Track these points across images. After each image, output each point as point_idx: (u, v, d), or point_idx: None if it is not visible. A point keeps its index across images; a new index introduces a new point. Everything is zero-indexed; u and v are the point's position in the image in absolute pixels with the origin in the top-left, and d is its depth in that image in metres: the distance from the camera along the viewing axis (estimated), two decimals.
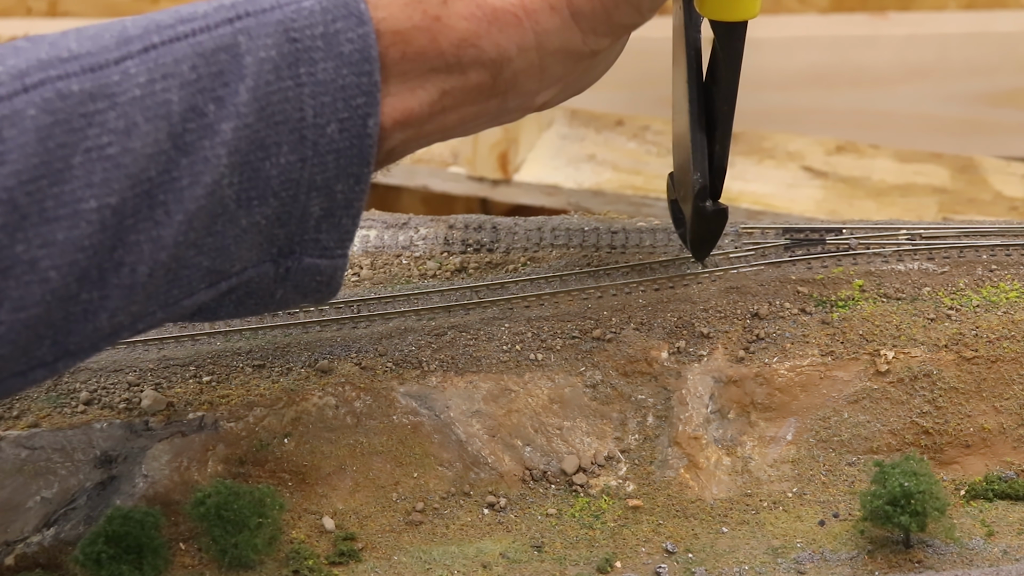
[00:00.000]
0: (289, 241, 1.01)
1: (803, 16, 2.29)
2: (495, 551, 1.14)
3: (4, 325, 0.92)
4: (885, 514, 1.11)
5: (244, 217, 0.98)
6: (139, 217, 0.94)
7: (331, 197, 1.00)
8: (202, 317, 1.05)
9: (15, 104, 0.90)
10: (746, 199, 1.98)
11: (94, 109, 0.92)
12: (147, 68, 0.93)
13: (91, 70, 0.92)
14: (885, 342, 1.22)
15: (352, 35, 0.98)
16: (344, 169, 1.00)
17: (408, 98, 1.02)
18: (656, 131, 2.09)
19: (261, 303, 1.05)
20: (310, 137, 0.98)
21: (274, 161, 0.97)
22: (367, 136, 0.99)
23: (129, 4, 2.29)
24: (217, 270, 0.99)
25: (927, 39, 2.23)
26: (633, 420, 1.21)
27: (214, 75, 0.95)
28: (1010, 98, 2.24)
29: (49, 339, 0.95)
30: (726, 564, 1.13)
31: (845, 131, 2.18)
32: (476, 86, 1.03)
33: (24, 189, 0.90)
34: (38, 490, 1.16)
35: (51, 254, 0.91)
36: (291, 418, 1.18)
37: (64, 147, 0.91)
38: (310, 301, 1.07)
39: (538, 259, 1.31)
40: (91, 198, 0.91)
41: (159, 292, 0.97)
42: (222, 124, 0.95)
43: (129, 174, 0.92)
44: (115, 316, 0.96)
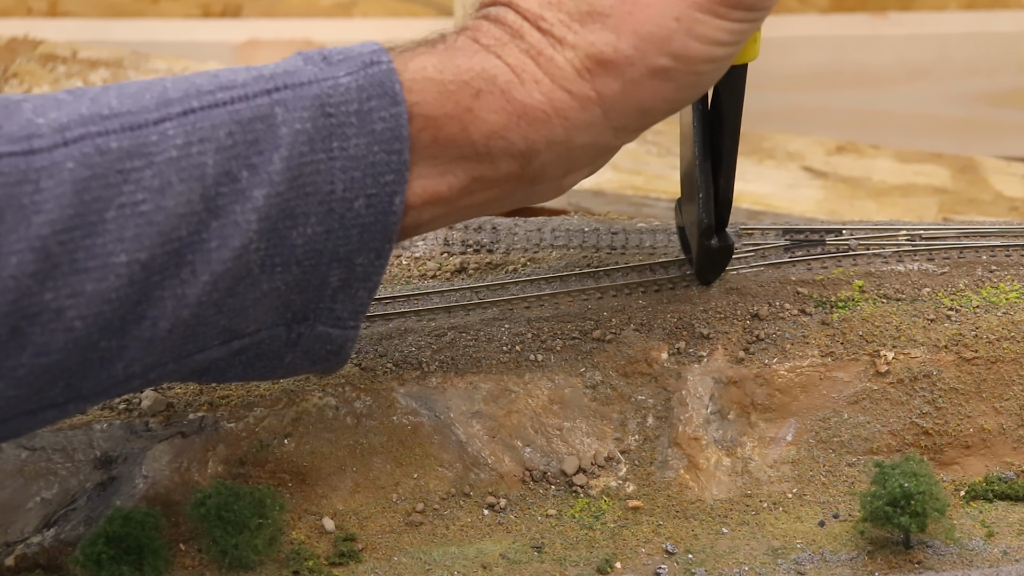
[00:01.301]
0: (304, 308, 1.03)
1: (803, 16, 2.29)
2: (495, 552, 1.14)
3: (24, 368, 0.94)
4: (885, 515, 1.11)
5: (266, 282, 1.00)
6: (166, 274, 0.96)
7: (351, 269, 1.02)
8: (210, 377, 1.07)
9: (54, 156, 0.92)
10: (746, 199, 1.98)
11: (131, 167, 0.94)
12: (185, 131, 0.96)
13: (130, 129, 0.95)
14: (885, 343, 1.22)
15: (385, 114, 1.00)
16: (367, 243, 1.02)
17: (438, 181, 1.04)
18: (656, 131, 2.09)
19: (270, 366, 1.07)
20: (338, 210, 1.00)
21: (301, 231, 0.99)
22: (392, 213, 1.02)
23: (129, 4, 2.29)
24: (232, 329, 1.01)
25: (927, 39, 2.23)
26: (633, 421, 1.21)
27: (249, 143, 0.97)
28: (1010, 98, 2.24)
29: (63, 382, 0.97)
30: (726, 565, 1.13)
31: (845, 131, 2.18)
32: (505, 175, 1.06)
33: (57, 239, 0.92)
34: (38, 491, 1.16)
35: (78, 304, 0.93)
36: (291, 418, 1.18)
37: (99, 201, 0.93)
38: (318, 369, 1.09)
39: (538, 260, 1.31)
40: (122, 252, 0.94)
41: (175, 346, 1.00)
42: (254, 191, 0.97)
43: (160, 231, 0.95)
44: (130, 366, 0.98)
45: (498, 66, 1.03)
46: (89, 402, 1.00)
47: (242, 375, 1.08)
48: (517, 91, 1.03)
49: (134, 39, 2.21)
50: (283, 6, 2.30)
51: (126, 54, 2.10)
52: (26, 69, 2.05)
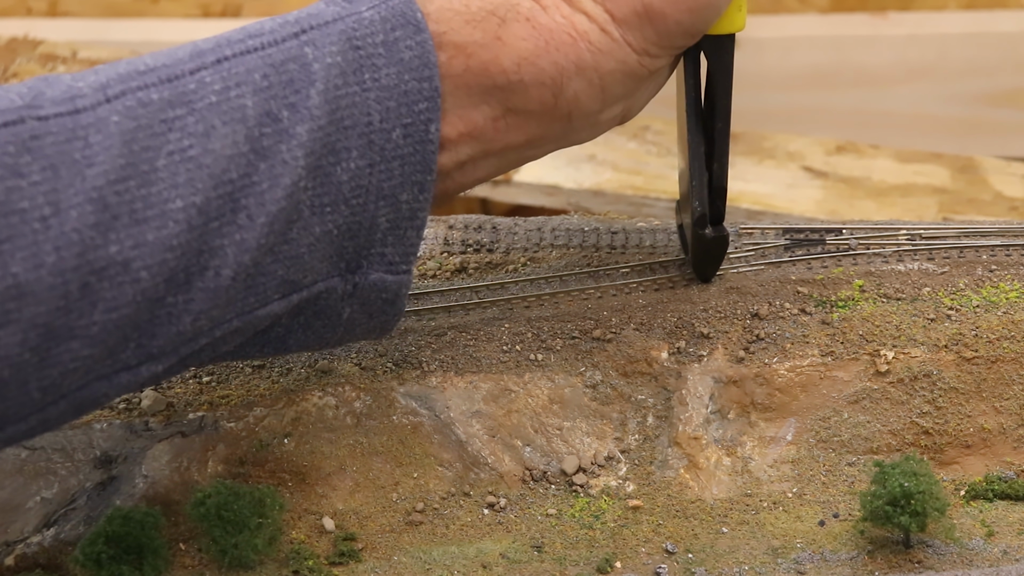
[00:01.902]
0: (357, 254, 1.05)
1: (803, 16, 2.29)
2: (495, 551, 1.14)
3: (97, 325, 0.95)
4: (885, 514, 1.11)
5: (317, 225, 1.02)
6: (223, 220, 0.97)
7: (396, 207, 1.04)
8: (272, 346, 1.08)
9: (99, 113, 0.95)
10: (746, 199, 1.98)
11: (173, 115, 0.96)
12: (221, 77, 0.98)
13: (168, 80, 0.97)
14: (885, 342, 1.22)
15: (411, 42, 1.03)
16: (408, 176, 1.03)
17: (473, 112, 1.06)
18: (656, 131, 2.09)
19: (329, 325, 1.07)
20: (377, 142, 1.02)
21: (344, 166, 1.01)
22: (429, 142, 1.03)
23: (129, 4, 2.29)
24: (290, 280, 1.03)
25: (927, 39, 2.23)
26: (633, 420, 1.21)
27: (285, 83, 0.99)
28: (1010, 98, 2.24)
29: (134, 342, 0.98)
30: (726, 564, 1.13)
31: (845, 131, 2.18)
32: (539, 105, 1.07)
33: (113, 189, 0.94)
34: (38, 490, 1.16)
35: (142, 254, 0.95)
36: (291, 418, 1.18)
37: (148, 150, 0.95)
38: (375, 324, 1.09)
39: (538, 259, 1.31)
40: (177, 198, 0.95)
41: (238, 299, 1.01)
42: (296, 127, 0.99)
43: (211, 174, 0.96)
44: (197, 320, 0.99)
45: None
46: (160, 363, 1.00)
47: (303, 339, 1.08)
48: (541, 17, 1.06)
49: (134, 39, 2.21)
50: (283, 6, 2.30)
51: (126, 54, 2.10)
52: (26, 69, 2.05)
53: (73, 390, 0.97)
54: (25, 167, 0.92)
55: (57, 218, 0.92)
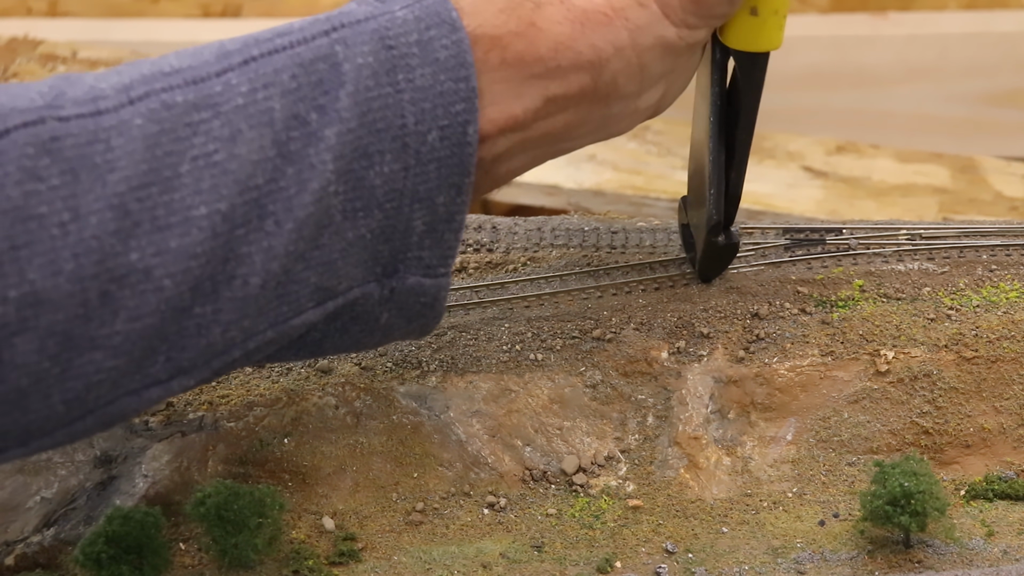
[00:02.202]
0: (393, 259, 1.02)
1: (803, 16, 2.29)
2: (495, 551, 1.14)
3: (120, 335, 0.93)
4: (885, 514, 1.11)
5: (350, 230, 0.99)
6: (249, 227, 0.95)
7: (433, 210, 1.01)
8: (308, 351, 1.05)
9: (122, 115, 0.92)
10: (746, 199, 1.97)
11: (199, 119, 0.94)
12: (248, 79, 0.96)
13: (193, 82, 0.95)
14: (885, 342, 1.22)
15: (446, 41, 1.00)
16: (445, 179, 1.01)
17: (512, 104, 1.03)
18: (656, 131, 2.09)
19: (367, 329, 1.05)
20: (412, 145, 0.99)
21: (378, 170, 0.99)
22: (467, 144, 1.00)
23: (130, 4, 2.29)
24: (324, 287, 1.00)
25: (927, 39, 2.23)
26: (633, 420, 1.21)
27: (314, 84, 0.97)
28: (1010, 98, 2.24)
29: (163, 355, 0.95)
30: (726, 564, 1.13)
31: (845, 131, 2.18)
32: (579, 91, 1.05)
33: (135, 195, 0.91)
34: (38, 490, 1.16)
35: (165, 262, 0.92)
36: (291, 418, 1.18)
37: (171, 155, 0.93)
38: (414, 328, 1.07)
39: (538, 259, 1.31)
40: (201, 204, 0.93)
41: (269, 308, 0.98)
42: (325, 130, 0.96)
43: (237, 180, 0.94)
44: (228, 331, 0.97)
45: None
46: (191, 377, 0.98)
47: (339, 344, 1.06)
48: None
49: (134, 39, 2.21)
50: (283, 6, 2.30)
51: (126, 54, 2.10)
52: (26, 69, 2.05)
53: (101, 405, 0.95)
54: (44, 170, 0.90)
55: (76, 224, 0.90)
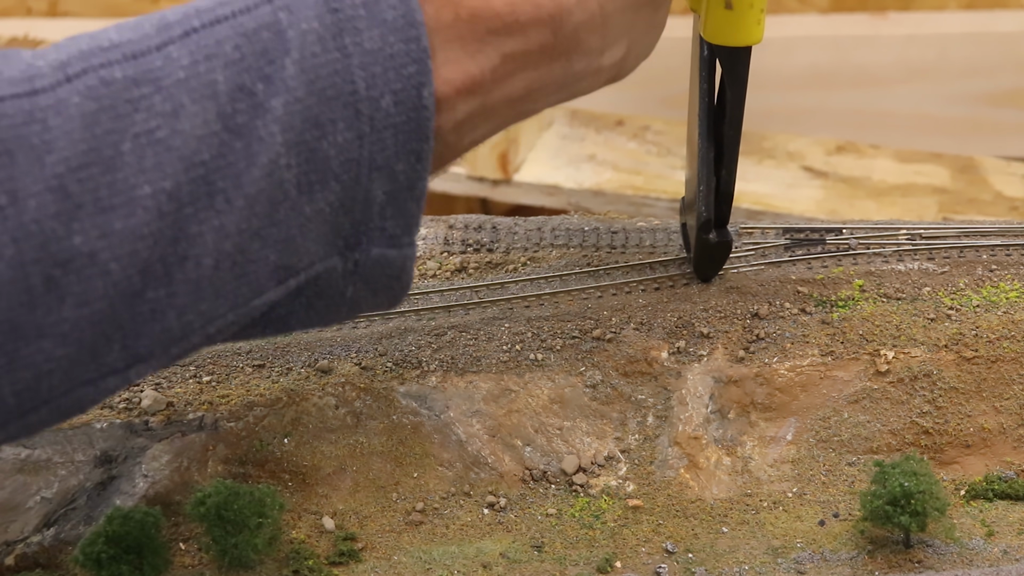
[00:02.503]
0: (355, 231, 0.99)
1: (803, 16, 2.29)
2: (495, 551, 1.14)
3: (68, 323, 0.90)
4: (885, 514, 1.11)
5: (307, 204, 0.96)
6: (198, 206, 0.92)
7: (393, 178, 0.98)
8: (274, 328, 1.02)
9: (59, 94, 0.89)
10: (746, 199, 1.98)
11: (139, 94, 0.91)
12: (189, 51, 0.92)
13: (133, 57, 0.92)
14: (885, 342, 1.22)
15: (394, 1, 0.96)
16: (403, 146, 0.97)
17: (468, 64, 0.99)
18: (656, 131, 2.09)
19: (332, 305, 1.02)
20: (365, 111, 0.96)
21: (331, 140, 0.95)
22: (423, 108, 0.97)
23: (129, 4, 2.29)
24: (284, 265, 0.97)
25: (927, 39, 2.24)
26: (633, 420, 1.21)
27: (258, 53, 0.93)
28: (1010, 98, 2.24)
29: (118, 343, 0.93)
30: (726, 564, 1.13)
31: (845, 131, 2.18)
32: (539, 47, 1.01)
33: (75, 176, 0.89)
34: (38, 490, 1.16)
35: (110, 245, 0.89)
36: (291, 418, 1.18)
37: (112, 133, 0.90)
38: (382, 300, 1.04)
39: (538, 259, 1.31)
40: (145, 184, 0.90)
41: (227, 290, 0.95)
42: (272, 101, 0.93)
43: (181, 156, 0.91)
44: (184, 314, 0.94)
45: None
46: (149, 364, 0.95)
47: (305, 320, 1.02)
48: None
49: None
50: None
51: None
52: None
53: (56, 396, 0.93)
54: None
55: (15, 208, 0.87)
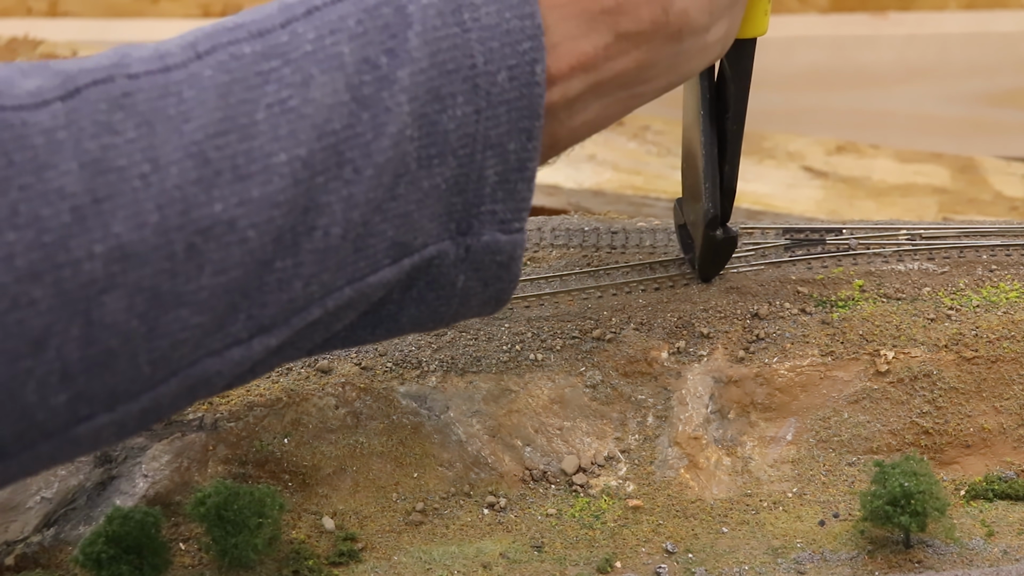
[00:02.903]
0: (467, 213, 1.00)
1: (803, 16, 2.29)
2: (495, 551, 1.14)
3: (206, 291, 0.91)
4: (885, 514, 1.11)
5: (425, 178, 0.97)
6: (329, 175, 0.93)
7: (505, 158, 0.99)
8: (386, 327, 1.03)
9: (191, 69, 0.91)
10: (746, 199, 1.98)
11: (268, 67, 0.93)
12: (314, 27, 0.94)
13: (259, 34, 0.94)
14: (885, 342, 1.22)
15: None
16: (515, 123, 0.98)
17: (581, 41, 1.01)
18: (656, 131, 2.09)
19: (443, 296, 1.02)
20: (483, 86, 0.97)
21: (451, 113, 0.97)
22: (535, 84, 0.98)
23: (129, 4, 2.29)
24: (401, 242, 0.98)
25: (927, 39, 2.23)
26: (633, 420, 1.21)
27: (380, 28, 0.95)
28: (1010, 98, 2.24)
29: (244, 312, 0.93)
30: (726, 564, 1.13)
31: (845, 131, 2.18)
32: (650, 25, 1.03)
33: (212, 143, 0.90)
34: (38, 490, 1.16)
35: (248, 212, 0.91)
36: (291, 418, 1.18)
37: (245, 103, 0.91)
38: (491, 295, 1.04)
39: (538, 259, 1.31)
40: (280, 151, 0.92)
41: (347, 263, 0.96)
42: (398, 72, 0.95)
43: (314, 124, 0.93)
44: (308, 285, 0.95)
45: None
46: (273, 336, 0.95)
47: (416, 316, 1.03)
48: None
49: (134, 39, 2.20)
50: None
51: None
52: None
53: (184, 366, 0.93)
54: (119, 124, 0.89)
55: (157, 175, 0.88)
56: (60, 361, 0.87)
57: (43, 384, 0.87)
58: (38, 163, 0.87)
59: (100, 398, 0.90)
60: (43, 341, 0.87)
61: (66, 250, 0.86)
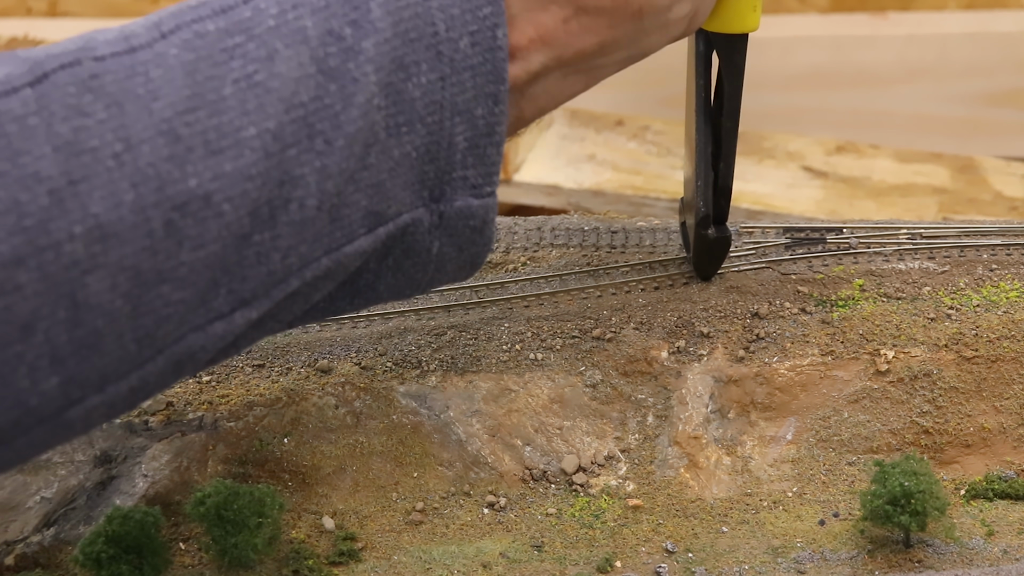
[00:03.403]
0: (439, 180, 1.01)
1: (803, 16, 2.29)
2: (495, 551, 1.14)
3: (186, 266, 0.92)
4: (885, 514, 1.11)
5: (395, 147, 0.98)
6: (300, 147, 0.95)
7: (473, 123, 1.00)
8: (364, 296, 1.04)
9: (156, 49, 0.93)
10: (746, 199, 1.98)
11: (233, 43, 0.94)
12: (276, 1, 0.96)
13: (222, 11, 0.95)
14: (885, 342, 1.22)
15: None
16: (481, 88, 1.00)
17: (541, 15, 1.02)
18: (656, 131, 2.09)
19: (420, 263, 1.03)
20: (446, 53, 0.99)
21: (416, 81, 0.98)
22: (498, 48, 1.00)
23: (129, 4, 2.29)
24: (374, 211, 0.99)
25: (927, 39, 2.23)
26: (633, 420, 1.21)
27: (343, 1, 0.96)
28: (1010, 98, 2.24)
29: (225, 286, 0.94)
30: (726, 564, 1.13)
31: (845, 131, 2.18)
32: (610, 1, 1.04)
33: (182, 120, 0.91)
34: (38, 490, 1.16)
35: (223, 186, 0.92)
36: (291, 418, 1.18)
37: (212, 79, 0.93)
38: (466, 259, 1.05)
39: (538, 259, 1.31)
40: (250, 125, 0.93)
41: (323, 233, 0.97)
42: (362, 43, 0.96)
43: (281, 98, 0.94)
44: (287, 256, 0.96)
45: None
46: (254, 308, 0.96)
47: (394, 284, 1.04)
48: None
49: None
50: None
51: None
52: None
53: (170, 343, 0.94)
54: (89, 106, 0.90)
55: (130, 154, 0.90)
56: (49, 345, 0.88)
57: (34, 368, 0.88)
58: (12, 149, 0.87)
59: (90, 380, 0.91)
60: (31, 326, 0.87)
61: (47, 233, 0.87)
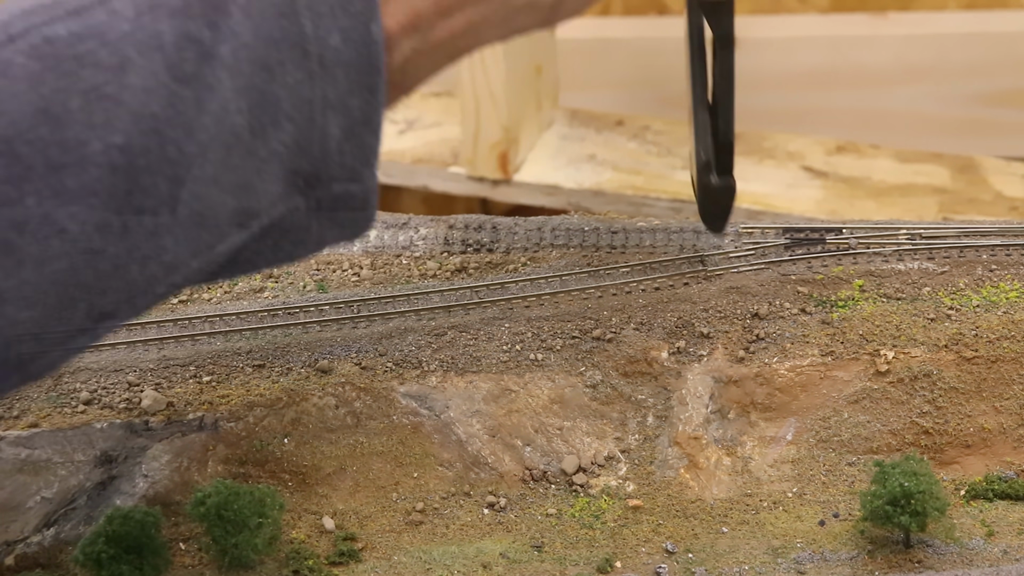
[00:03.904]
0: (314, 168, 0.98)
1: (803, 16, 2.29)
2: (495, 551, 1.14)
3: (29, 285, 0.89)
4: (885, 514, 1.11)
5: (261, 147, 0.95)
6: (150, 157, 0.91)
7: (348, 114, 0.98)
8: (242, 268, 1.01)
9: (2, 55, 0.88)
10: (746, 199, 1.98)
11: (84, 50, 0.89)
12: (133, 3, 0.91)
13: (76, 13, 0.90)
14: (885, 342, 1.22)
15: None
16: (356, 82, 0.97)
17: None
18: (656, 131, 2.09)
19: (299, 243, 1.01)
20: (313, 51, 0.95)
21: (281, 82, 0.95)
22: (373, 43, 0.97)
23: None
24: (244, 209, 0.96)
25: (927, 39, 2.23)
26: (633, 420, 1.21)
27: (204, 1, 0.93)
28: (1010, 98, 2.24)
29: (84, 301, 0.92)
30: (726, 564, 1.13)
31: (845, 131, 2.18)
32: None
33: (23, 139, 0.88)
34: (38, 490, 1.16)
35: (64, 203, 0.89)
36: (291, 418, 1.18)
37: (59, 92, 0.89)
38: (348, 235, 1.03)
39: (538, 259, 1.31)
40: (95, 140, 0.89)
41: (188, 238, 0.94)
42: (219, 48, 0.92)
43: (131, 111, 0.90)
44: (146, 267, 0.93)
45: None
46: (118, 318, 0.94)
47: (272, 258, 1.02)
48: None
49: None
50: None
51: None
52: None
53: (26, 361, 0.92)
54: None
55: None
56: None
57: None
58: None
59: None
60: None
61: None
